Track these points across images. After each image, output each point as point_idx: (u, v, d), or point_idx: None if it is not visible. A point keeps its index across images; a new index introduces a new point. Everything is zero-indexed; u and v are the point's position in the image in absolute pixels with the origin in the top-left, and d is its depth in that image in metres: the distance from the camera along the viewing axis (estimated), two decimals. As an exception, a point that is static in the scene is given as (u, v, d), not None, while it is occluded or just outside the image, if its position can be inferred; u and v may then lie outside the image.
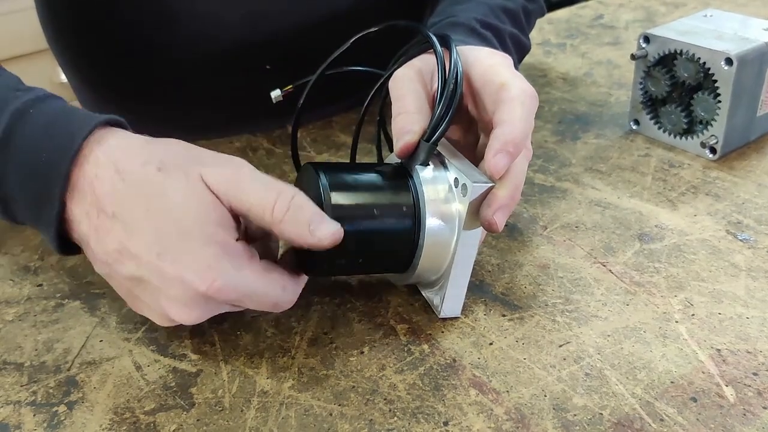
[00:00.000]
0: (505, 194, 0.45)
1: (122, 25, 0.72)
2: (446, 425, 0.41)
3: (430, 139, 0.46)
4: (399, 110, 0.48)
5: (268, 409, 0.43)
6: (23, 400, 0.44)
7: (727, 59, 0.62)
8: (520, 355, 0.46)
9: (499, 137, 0.45)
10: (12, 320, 0.50)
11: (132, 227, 0.42)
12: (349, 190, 0.45)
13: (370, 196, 0.46)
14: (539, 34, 0.98)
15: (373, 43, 0.53)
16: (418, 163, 0.47)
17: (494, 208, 0.44)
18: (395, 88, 0.49)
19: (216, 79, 0.74)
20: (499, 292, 0.51)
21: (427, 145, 0.46)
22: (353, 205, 0.45)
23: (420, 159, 0.47)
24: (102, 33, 0.74)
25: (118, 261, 0.43)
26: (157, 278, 0.42)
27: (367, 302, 0.51)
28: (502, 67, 0.49)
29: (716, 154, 0.66)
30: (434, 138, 0.46)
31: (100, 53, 0.76)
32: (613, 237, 0.56)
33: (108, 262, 0.43)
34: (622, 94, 0.80)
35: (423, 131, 0.47)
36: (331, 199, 0.43)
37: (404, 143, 0.47)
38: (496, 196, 0.45)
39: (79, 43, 0.78)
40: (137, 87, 0.77)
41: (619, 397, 0.42)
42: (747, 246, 0.55)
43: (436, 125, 0.46)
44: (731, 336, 0.47)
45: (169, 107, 0.77)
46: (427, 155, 0.47)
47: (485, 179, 0.45)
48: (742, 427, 0.40)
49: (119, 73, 0.77)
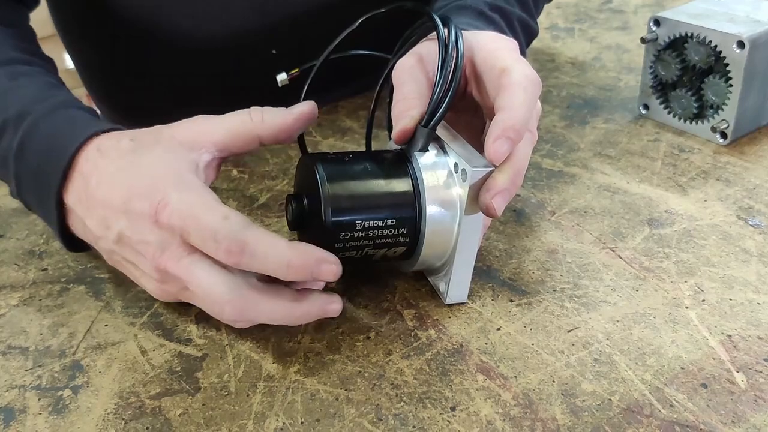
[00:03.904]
0: (505, 179, 0.44)
1: (128, 9, 0.72)
2: (453, 410, 0.41)
3: (428, 124, 0.45)
4: (398, 97, 0.48)
5: (274, 394, 0.42)
6: (28, 384, 0.44)
7: (739, 42, 0.61)
8: (528, 340, 0.45)
9: (500, 123, 0.44)
10: (17, 304, 0.50)
11: (108, 186, 0.45)
12: (347, 180, 0.45)
13: (369, 185, 0.45)
14: (547, 19, 0.97)
15: (381, 24, 0.53)
16: (417, 149, 0.46)
17: (493, 193, 0.44)
18: (396, 77, 0.49)
19: (221, 64, 0.73)
20: (507, 278, 0.51)
21: (426, 131, 0.46)
22: (352, 195, 0.44)
23: (419, 145, 0.46)
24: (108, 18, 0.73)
25: (106, 227, 0.45)
26: (129, 226, 0.44)
27: (374, 287, 0.50)
28: (505, 51, 0.48)
29: (727, 138, 0.65)
30: (432, 123, 0.45)
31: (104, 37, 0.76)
32: (623, 222, 0.56)
33: (101, 236, 0.46)
34: (631, 79, 0.79)
35: (421, 116, 0.46)
36: (329, 190, 0.43)
37: (401, 128, 0.46)
38: (495, 181, 0.44)
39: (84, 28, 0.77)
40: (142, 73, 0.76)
41: (628, 382, 0.42)
42: (758, 231, 0.54)
43: (435, 109, 0.45)
44: (742, 322, 0.46)
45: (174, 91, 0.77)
46: (425, 141, 0.46)
47: (485, 164, 0.44)
48: (753, 413, 0.40)
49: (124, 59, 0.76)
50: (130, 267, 0.47)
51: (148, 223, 0.44)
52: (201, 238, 0.42)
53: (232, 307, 0.42)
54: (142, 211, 0.44)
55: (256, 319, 0.44)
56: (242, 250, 0.41)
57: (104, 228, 0.46)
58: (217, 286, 0.42)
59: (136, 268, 0.47)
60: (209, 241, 0.42)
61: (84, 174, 0.47)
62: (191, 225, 0.42)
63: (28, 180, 0.50)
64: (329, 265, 0.42)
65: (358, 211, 0.44)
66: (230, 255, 0.41)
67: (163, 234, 0.43)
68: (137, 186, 0.45)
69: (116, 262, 0.49)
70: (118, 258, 0.48)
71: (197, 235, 0.42)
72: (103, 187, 0.46)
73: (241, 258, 0.41)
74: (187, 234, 0.43)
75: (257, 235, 0.42)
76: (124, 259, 0.47)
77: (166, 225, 0.43)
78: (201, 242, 0.42)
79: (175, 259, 0.43)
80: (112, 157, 0.47)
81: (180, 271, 0.43)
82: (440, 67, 0.46)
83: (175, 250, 0.43)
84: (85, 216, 0.47)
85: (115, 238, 0.46)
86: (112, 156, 0.47)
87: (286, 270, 0.42)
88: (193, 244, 0.43)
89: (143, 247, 0.44)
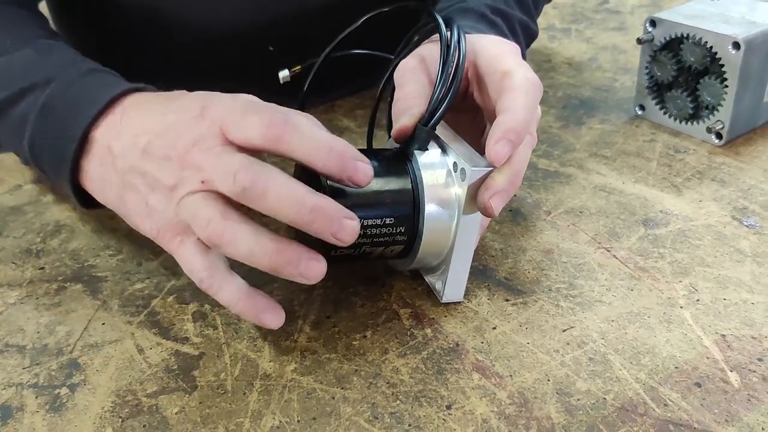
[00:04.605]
0: (503, 180, 0.44)
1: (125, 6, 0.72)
2: (449, 409, 0.41)
3: (428, 123, 0.46)
4: (398, 96, 0.48)
5: (271, 392, 0.42)
6: (25, 383, 0.44)
7: (735, 43, 0.61)
8: (523, 339, 0.46)
9: (501, 125, 0.45)
10: (14, 303, 0.50)
11: (149, 114, 0.46)
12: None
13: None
14: (544, 19, 0.98)
15: (383, 24, 0.53)
16: (416, 148, 0.46)
17: (491, 193, 0.44)
18: (398, 77, 0.49)
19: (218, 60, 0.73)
20: (503, 277, 0.51)
21: (425, 130, 0.46)
22: (350, 194, 0.44)
23: (418, 143, 0.46)
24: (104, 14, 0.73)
25: (133, 142, 0.45)
26: (166, 129, 0.44)
27: (370, 286, 0.50)
28: (507, 55, 0.49)
29: (722, 139, 0.65)
30: (432, 122, 0.46)
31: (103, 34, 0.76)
32: (618, 222, 0.56)
33: (124, 154, 0.46)
34: (627, 80, 0.79)
35: (420, 115, 0.46)
36: (328, 186, 0.43)
37: (400, 126, 0.46)
38: (494, 181, 0.44)
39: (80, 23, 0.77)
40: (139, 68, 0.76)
41: (622, 381, 0.42)
42: (753, 232, 0.55)
43: (435, 109, 0.46)
44: (736, 321, 0.46)
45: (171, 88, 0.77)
46: (425, 140, 0.46)
47: (485, 164, 0.45)
48: (747, 412, 0.40)
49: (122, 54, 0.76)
50: (142, 188, 0.45)
51: (191, 118, 0.43)
52: (244, 117, 0.41)
53: (246, 172, 0.40)
54: (189, 106, 0.44)
55: (266, 188, 0.40)
56: (285, 121, 0.40)
57: (131, 143, 0.45)
58: (233, 161, 0.41)
59: (151, 188, 0.44)
60: (252, 115, 0.41)
61: (125, 107, 0.47)
62: (237, 115, 0.41)
63: (47, 129, 0.50)
64: (364, 165, 0.42)
65: (357, 209, 0.44)
66: (272, 127, 0.40)
67: (203, 126, 0.43)
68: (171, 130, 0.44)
69: (127, 186, 0.46)
70: (131, 179, 0.45)
71: (241, 118, 0.41)
72: (145, 115, 0.46)
73: (284, 130, 0.40)
74: (229, 123, 0.42)
75: (301, 117, 0.42)
76: (141, 175, 0.45)
77: (210, 117, 0.43)
78: (242, 119, 0.41)
79: (206, 150, 0.42)
80: (159, 100, 0.47)
81: (205, 160, 0.42)
82: (441, 67, 0.46)
83: (210, 141, 0.42)
84: (113, 140, 0.47)
85: (142, 147, 0.44)
86: (159, 100, 0.47)
87: (327, 153, 0.41)
88: (232, 134, 0.42)
89: (173, 144, 0.43)
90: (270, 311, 0.44)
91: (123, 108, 0.48)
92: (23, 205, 0.61)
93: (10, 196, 0.63)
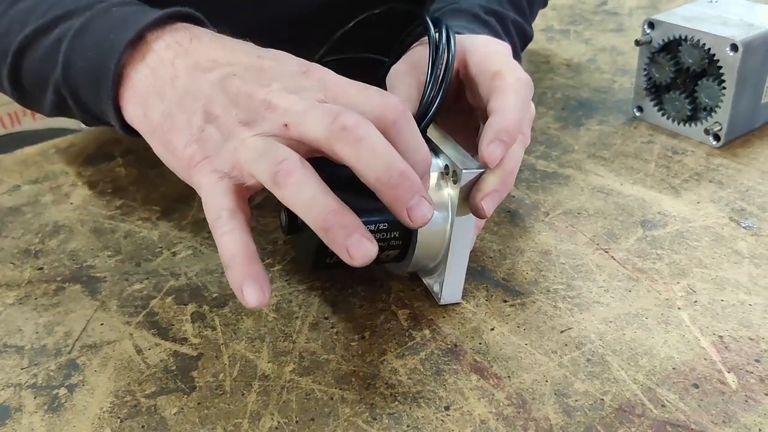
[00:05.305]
0: (495, 180, 0.44)
1: None
2: (447, 410, 0.41)
3: (419, 125, 0.46)
4: None
5: (269, 393, 0.42)
6: (24, 383, 0.44)
7: (732, 45, 0.62)
8: (521, 340, 0.46)
9: (493, 126, 0.45)
10: (12, 303, 0.50)
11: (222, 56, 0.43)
12: (336, 181, 0.44)
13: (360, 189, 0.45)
14: (542, 20, 0.98)
15: (375, 26, 0.53)
16: None
17: (483, 194, 0.44)
18: (389, 82, 0.49)
19: None
20: (501, 278, 0.51)
21: None
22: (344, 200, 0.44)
23: None
24: None
25: (210, 65, 0.43)
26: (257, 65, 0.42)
27: (368, 287, 0.50)
28: (498, 55, 0.49)
29: (720, 141, 0.65)
30: (423, 124, 0.46)
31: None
32: (616, 223, 0.56)
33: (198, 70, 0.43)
34: (625, 81, 0.79)
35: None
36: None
37: None
38: (486, 182, 0.44)
39: None
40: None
41: (620, 382, 0.42)
42: (750, 233, 0.55)
43: (425, 111, 0.46)
44: (734, 323, 0.46)
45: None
46: None
47: (477, 165, 0.45)
48: (744, 413, 0.40)
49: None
50: (200, 115, 0.42)
51: (294, 72, 0.42)
52: (360, 92, 0.40)
53: (349, 114, 0.38)
54: (289, 61, 0.43)
55: (366, 135, 0.38)
56: (404, 111, 0.40)
57: (205, 68, 0.42)
58: (335, 107, 0.39)
59: (213, 118, 0.41)
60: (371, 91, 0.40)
61: (192, 33, 0.44)
62: (353, 88, 0.41)
63: (85, 43, 0.46)
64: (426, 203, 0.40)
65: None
66: (387, 111, 0.39)
67: (307, 82, 0.41)
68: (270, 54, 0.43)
69: (183, 106, 0.42)
70: (191, 102, 0.42)
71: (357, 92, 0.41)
72: (229, 49, 0.43)
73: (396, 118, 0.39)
74: (338, 92, 0.41)
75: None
76: (207, 103, 0.42)
77: (315, 78, 0.41)
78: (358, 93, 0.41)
79: (308, 98, 0.40)
80: (241, 42, 0.45)
81: (299, 104, 0.39)
82: (430, 68, 0.46)
83: (312, 94, 0.40)
84: (178, 57, 0.43)
85: (220, 78, 0.42)
86: (241, 42, 0.45)
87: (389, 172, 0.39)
88: (340, 100, 0.40)
89: (266, 84, 0.41)
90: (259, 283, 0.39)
91: (190, 32, 0.45)
92: (22, 205, 0.62)
93: (8, 197, 0.63)
